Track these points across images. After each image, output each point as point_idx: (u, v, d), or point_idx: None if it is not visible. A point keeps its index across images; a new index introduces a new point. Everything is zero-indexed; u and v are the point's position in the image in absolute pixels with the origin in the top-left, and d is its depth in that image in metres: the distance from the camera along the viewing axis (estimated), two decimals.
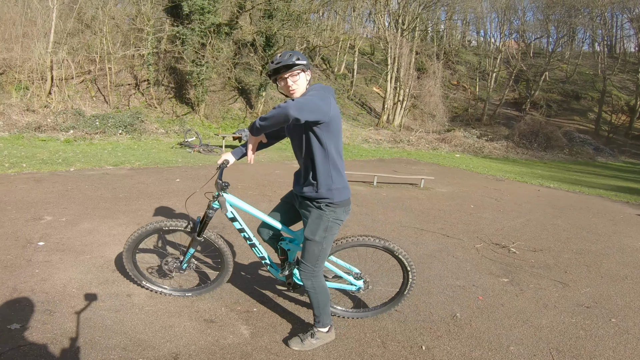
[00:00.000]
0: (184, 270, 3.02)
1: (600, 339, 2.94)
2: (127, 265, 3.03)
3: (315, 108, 2.13)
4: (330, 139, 2.32)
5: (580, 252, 4.97)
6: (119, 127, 12.33)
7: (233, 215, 2.76)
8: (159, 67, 16.00)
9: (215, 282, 3.12)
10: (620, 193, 10.10)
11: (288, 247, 2.82)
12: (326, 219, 2.43)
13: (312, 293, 2.59)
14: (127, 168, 8.17)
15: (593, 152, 21.29)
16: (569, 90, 30.13)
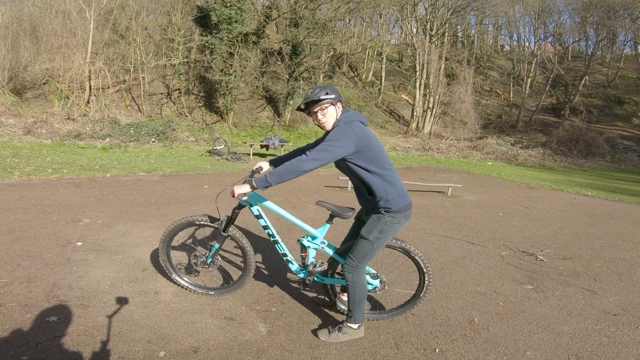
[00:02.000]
0: (209, 265, 3.24)
1: (624, 346, 2.91)
2: (161, 257, 3.31)
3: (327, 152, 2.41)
4: (369, 162, 2.55)
5: (613, 261, 4.86)
6: (152, 135, 12.95)
7: (259, 212, 2.98)
8: (189, 76, 16.67)
9: (237, 282, 3.31)
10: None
11: (308, 244, 3.00)
12: (384, 222, 2.63)
13: (350, 287, 2.76)
14: (159, 174, 8.60)
15: (638, 159, 20.34)
16: (611, 94, 28.93)
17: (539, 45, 28.92)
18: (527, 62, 28.31)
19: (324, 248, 3.00)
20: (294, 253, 3.39)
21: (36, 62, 14.23)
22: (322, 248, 3.00)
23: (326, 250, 3.01)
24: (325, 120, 2.60)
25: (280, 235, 3.16)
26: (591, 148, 20.00)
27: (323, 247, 3.00)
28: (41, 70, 14.10)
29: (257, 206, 2.96)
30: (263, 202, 2.97)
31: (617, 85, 29.90)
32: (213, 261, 3.26)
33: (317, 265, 3.02)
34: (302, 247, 3.04)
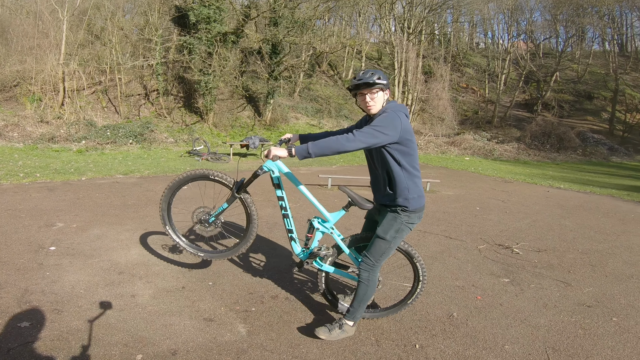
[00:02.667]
0: (210, 224, 3.14)
1: (599, 337, 2.93)
2: (161, 204, 3.24)
3: (374, 136, 2.39)
4: (403, 156, 2.54)
5: (585, 252, 4.95)
6: (130, 137, 12.64)
7: (279, 181, 2.92)
8: (168, 77, 16.34)
9: (231, 249, 3.20)
10: (633, 193, 9.98)
11: (318, 226, 2.95)
12: (400, 221, 2.64)
13: (363, 285, 2.75)
14: (136, 176, 8.38)
15: (607, 152, 20.99)
16: (581, 90, 29.73)
17: (512, 43, 29.51)
18: (501, 59, 28.84)
19: (332, 233, 2.95)
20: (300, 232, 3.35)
21: (6, 64, 13.69)
22: (330, 233, 2.94)
23: (334, 237, 2.96)
24: (373, 104, 2.58)
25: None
26: (563, 142, 20.52)
27: (332, 232, 2.94)
28: (12, 72, 13.58)
29: (278, 174, 2.89)
30: (285, 172, 2.90)
31: (587, 81, 30.74)
32: (215, 221, 3.15)
33: (322, 250, 2.95)
34: (310, 228, 2.98)
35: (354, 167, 12.21)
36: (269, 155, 2.49)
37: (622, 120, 26.30)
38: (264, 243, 4.71)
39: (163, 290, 3.35)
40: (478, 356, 2.64)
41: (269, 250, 4.48)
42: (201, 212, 3.18)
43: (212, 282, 3.56)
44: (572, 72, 31.69)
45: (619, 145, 22.81)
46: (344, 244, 2.94)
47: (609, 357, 2.69)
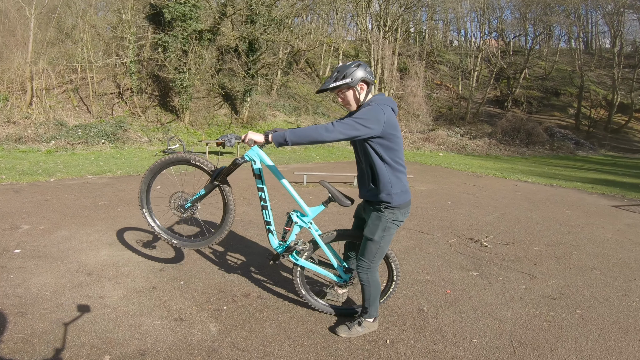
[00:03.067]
0: (186, 210, 3.08)
1: (563, 330, 2.96)
2: (141, 186, 3.18)
3: (354, 129, 2.33)
4: (387, 151, 2.49)
5: (550, 244, 5.05)
6: (102, 136, 12.26)
7: (260, 172, 2.85)
8: (142, 75, 15.92)
9: (206, 239, 3.13)
10: (597, 185, 10.30)
11: (296, 220, 2.91)
12: (385, 220, 2.59)
13: (366, 286, 2.75)
14: (108, 177, 8.14)
15: (573, 147, 21.67)
16: (548, 86, 30.61)
17: (484, 41, 30.08)
18: (473, 56, 29.39)
19: (310, 228, 2.90)
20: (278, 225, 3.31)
21: None
22: (308, 228, 2.90)
23: (312, 232, 2.91)
24: (346, 102, 2.59)
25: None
26: (532, 137, 21.06)
27: (310, 227, 2.90)
28: None
29: (259, 165, 2.83)
30: (267, 163, 2.83)
31: (554, 78, 31.67)
32: (192, 207, 3.08)
33: (299, 244, 2.91)
34: (289, 221, 2.93)
35: (330, 163, 12.21)
36: (245, 139, 2.47)
37: (587, 116, 27.22)
38: (238, 241, 4.65)
39: (133, 291, 3.28)
40: (447, 350, 2.66)
41: (242, 249, 4.42)
42: (179, 197, 3.12)
43: (183, 282, 3.50)
44: (540, 69, 32.59)
45: (585, 140, 23.60)
46: (321, 240, 2.91)
47: (572, 349, 2.71)
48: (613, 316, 3.20)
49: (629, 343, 2.80)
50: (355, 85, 2.51)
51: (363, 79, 2.52)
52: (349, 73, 2.49)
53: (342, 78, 2.49)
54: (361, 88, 2.55)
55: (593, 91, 29.03)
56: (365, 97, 2.59)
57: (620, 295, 3.59)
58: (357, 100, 2.57)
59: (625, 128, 27.17)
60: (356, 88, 2.54)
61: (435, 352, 2.64)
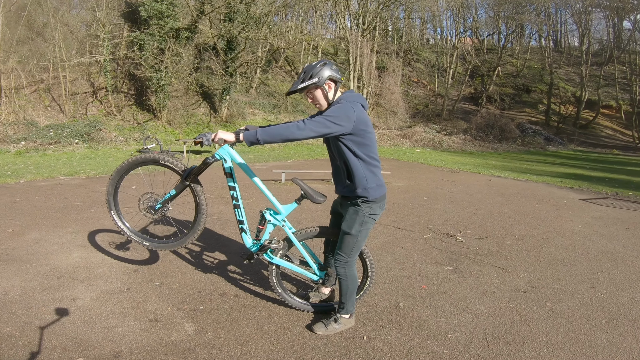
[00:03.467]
0: (156, 211, 3.00)
1: (534, 323, 2.99)
2: (108, 188, 3.07)
3: (325, 126, 2.33)
4: (359, 147, 2.50)
5: (522, 238, 5.15)
6: (75, 136, 11.88)
7: (231, 170, 2.79)
8: (117, 74, 15.50)
9: (178, 240, 3.06)
10: (566, 179, 10.56)
11: (269, 218, 2.87)
12: (362, 214, 2.59)
13: (343, 280, 2.74)
14: (81, 177, 7.89)
15: (544, 142, 22.23)
16: (520, 84, 31.34)
17: (459, 39, 30.56)
18: (449, 54, 29.81)
19: (284, 226, 2.86)
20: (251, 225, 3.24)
21: None
22: (282, 226, 2.86)
23: (285, 230, 2.87)
24: (315, 101, 2.59)
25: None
26: (505, 133, 21.51)
27: (283, 225, 2.86)
28: None
29: (230, 164, 2.76)
30: (238, 161, 2.77)
31: (525, 75, 32.44)
32: (162, 209, 2.98)
33: (273, 242, 2.87)
34: (262, 219, 2.89)
35: (309, 161, 12.18)
36: (214, 138, 2.44)
37: (557, 112, 28.00)
38: (215, 240, 4.58)
39: (106, 293, 3.20)
40: (423, 346, 2.67)
41: (219, 247, 4.36)
42: (149, 198, 3.03)
43: (158, 282, 3.43)
44: (512, 66, 33.32)
45: (555, 136, 24.26)
46: (295, 237, 2.88)
47: (543, 343, 2.74)
48: (582, 309, 3.26)
49: (598, 335, 2.85)
50: (322, 84, 2.51)
51: (330, 78, 2.52)
52: (315, 73, 2.49)
53: (309, 78, 2.49)
54: (329, 87, 2.55)
55: (562, 88, 29.89)
56: (334, 95, 2.59)
57: (589, 288, 3.67)
58: (326, 98, 2.57)
59: (593, 124, 28.07)
60: (324, 87, 2.54)
61: (412, 347, 2.64)
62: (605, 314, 3.18)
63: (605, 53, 31.28)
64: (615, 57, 29.81)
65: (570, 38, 37.80)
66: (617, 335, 2.86)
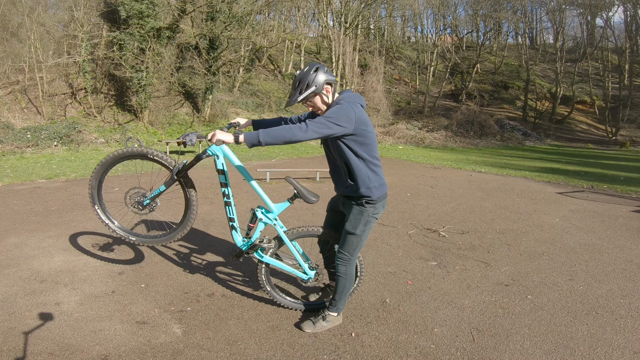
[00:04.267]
0: (144, 207, 2.91)
1: (517, 316, 3.04)
2: (91, 182, 2.94)
3: (327, 127, 2.31)
4: (361, 147, 2.48)
5: (502, 232, 5.23)
6: (54, 138, 11.55)
7: (223, 167, 2.74)
8: (97, 74, 15.13)
9: (165, 235, 2.99)
10: (543, 174, 10.80)
11: (261, 216, 2.83)
12: (367, 214, 2.59)
13: (342, 278, 2.73)
14: (61, 180, 7.68)
15: (522, 137, 22.69)
16: (498, 80, 31.91)
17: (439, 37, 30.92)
18: (429, 52, 30.10)
19: (275, 225, 2.83)
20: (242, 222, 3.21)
21: None
22: (273, 225, 2.82)
23: (277, 229, 2.84)
24: (315, 108, 2.59)
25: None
26: (484, 129, 21.88)
27: (275, 223, 2.82)
28: None
29: (223, 160, 2.70)
30: (230, 158, 2.72)
31: (503, 72, 33.04)
32: (150, 204, 2.90)
33: (264, 242, 2.83)
34: (253, 217, 2.84)
35: (293, 159, 12.16)
36: (212, 139, 2.35)
37: (534, 108, 28.61)
38: (200, 240, 4.53)
39: (91, 296, 3.14)
40: (410, 341, 2.69)
41: (205, 248, 4.31)
42: (136, 193, 2.94)
43: (144, 285, 3.38)
44: (491, 63, 33.89)
45: (532, 131, 24.79)
46: (286, 237, 2.86)
47: (526, 335, 2.78)
48: (562, 301, 3.32)
49: (578, 327, 2.91)
50: (320, 91, 2.49)
51: (326, 82, 2.50)
52: (312, 80, 2.45)
53: (306, 88, 2.45)
54: (327, 91, 2.53)
55: (538, 84, 30.55)
56: (332, 97, 2.57)
57: (568, 280, 3.75)
58: (325, 103, 2.56)
59: (568, 119, 28.77)
60: (322, 93, 2.51)
61: (399, 342, 2.67)
62: (584, 305, 3.25)
63: (579, 50, 32.11)
64: (588, 54, 30.66)
65: (546, 35, 38.78)
66: (596, 327, 2.92)
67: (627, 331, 2.86)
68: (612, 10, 29.38)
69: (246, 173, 2.80)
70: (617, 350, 2.62)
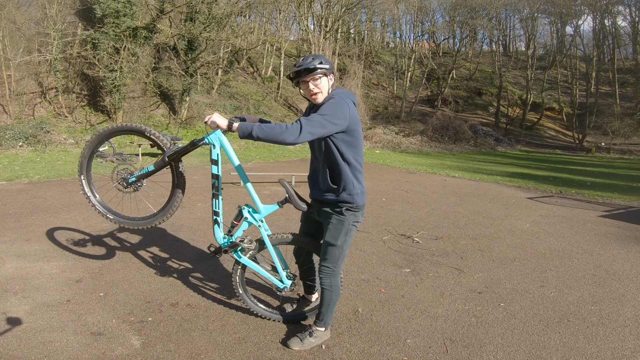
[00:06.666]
0: (129, 184, 2.75)
1: (490, 325, 2.95)
2: (84, 151, 2.89)
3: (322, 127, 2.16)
4: (348, 149, 2.33)
5: (475, 237, 5.19)
6: (19, 139, 10.97)
7: (217, 157, 2.55)
8: (69, 73, 14.53)
9: (146, 219, 2.82)
10: (514, 179, 10.98)
11: (247, 215, 2.64)
12: (347, 223, 2.45)
13: (327, 291, 2.56)
14: (23, 182, 7.26)
15: (494, 143, 23.20)
16: (472, 86, 32.58)
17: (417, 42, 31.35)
18: (407, 57, 30.48)
19: (260, 227, 2.64)
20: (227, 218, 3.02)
21: None
22: (258, 226, 2.64)
23: (261, 231, 2.65)
24: (317, 90, 2.34)
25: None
26: (458, 134, 22.25)
27: (260, 225, 2.64)
28: None
29: (219, 151, 2.51)
30: (227, 150, 2.51)
31: (477, 78, 33.78)
32: (135, 183, 2.73)
33: (245, 241, 2.62)
34: (239, 215, 2.65)
35: (269, 163, 11.97)
36: (208, 120, 2.26)
37: (505, 114, 29.35)
38: (167, 246, 4.30)
39: (43, 305, 2.90)
40: (382, 353, 2.57)
41: (172, 254, 4.08)
42: (123, 169, 2.80)
43: (103, 293, 3.15)
44: (466, 70, 34.60)
45: (503, 137, 25.39)
46: (269, 241, 2.68)
47: (499, 345, 2.69)
48: (534, 308, 3.26)
49: (551, 336, 2.85)
50: (331, 72, 2.35)
51: (333, 72, 2.39)
52: (325, 60, 2.32)
53: (320, 63, 2.29)
54: (332, 78, 2.40)
55: (510, 91, 31.38)
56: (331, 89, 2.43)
57: (539, 287, 3.71)
58: (328, 90, 2.38)
59: (537, 125, 29.63)
60: (330, 77, 2.37)
61: (371, 355, 2.54)
62: (556, 313, 3.20)
63: (549, 57, 33.18)
64: (558, 62, 31.70)
65: (518, 43, 39.90)
66: (569, 335, 2.87)
67: (599, 339, 2.82)
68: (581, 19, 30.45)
69: (243, 174, 2.64)
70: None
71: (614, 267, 4.26)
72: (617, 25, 29.73)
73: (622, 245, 5.04)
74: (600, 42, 30.01)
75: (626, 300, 3.46)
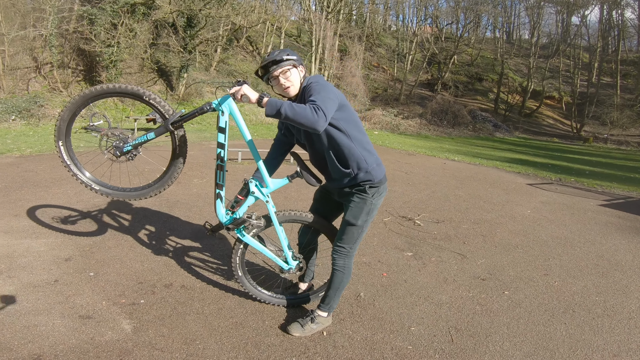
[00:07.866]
0: (123, 153, 2.40)
1: (495, 314, 2.82)
2: (63, 113, 2.39)
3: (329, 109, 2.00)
4: (348, 123, 2.21)
5: (477, 222, 5.05)
6: (12, 112, 10.63)
7: (225, 125, 2.31)
8: (65, 48, 14.04)
9: (141, 190, 2.53)
10: (513, 164, 10.83)
11: (254, 189, 2.41)
12: (369, 202, 2.33)
13: (338, 273, 2.44)
14: (14, 156, 7.00)
15: (492, 129, 22.98)
16: (473, 72, 32.04)
17: (420, 26, 30.64)
18: (409, 41, 29.83)
19: (267, 202, 2.43)
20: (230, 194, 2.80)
21: None
22: (266, 201, 2.43)
23: (268, 207, 2.44)
24: (289, 84, 2.20)
25: None
26: (457, 119, 21.97)
27: (268, 200, 2.43)
28: None
29: (227, 118, 2.28)
30: (237, 120, 2.28)
31: (479, 64, 33.19)
32: (131, 152, 2.40)
33: (253, 217, 2.42)
34: (244, 189, 2.41)
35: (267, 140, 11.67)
36: (237, 93, 2.06)
37: (505, 101, 28.98)
38: (162, 224, 4.11)
39: (29, 286, 2.72)
40: (386, 341, 2.42)
41: (166, 233, 3.90)
42: (117, 135, 2.42)
43: (93, 273, 2.97)
44: (467, 55, 33.95)
45: (502, 123, 25.13)
46: (276, 218, 2.47)
47: (505, 335, 2.57)
48: (538, 297, 3.14)
49: (557, 327, 2.73)
50: (300, 64, 2.21)
51: (302, 63, 2.25)
52: (291, 52, 2.20)
53: (287, 55, 2.17)
54: (302, 70, 2.24)
55: (511, 78, 30.91)
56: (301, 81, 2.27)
57: (543, 275, 3.58)
58: (300, 81, 2.24)
59: (537, 113, 29.31)
60: (300, 68, 2.24)
61: (374, 343, 2.40)
62: (561, 303, 3.08)
63: (552, 46, 32.58)
64: (561, 51, 31.13)
65: (522, 30, 39.15)
66: (574, 327, 2.75)
67: (604, 332, 2.69)
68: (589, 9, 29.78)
69: (255, 150, 2.39)
70: (597, 353, 2.45)
71: (616, 258, 4.13)
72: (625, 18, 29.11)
73: (623, 236, 4.91)
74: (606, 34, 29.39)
75: (630, 292, 3.33)
